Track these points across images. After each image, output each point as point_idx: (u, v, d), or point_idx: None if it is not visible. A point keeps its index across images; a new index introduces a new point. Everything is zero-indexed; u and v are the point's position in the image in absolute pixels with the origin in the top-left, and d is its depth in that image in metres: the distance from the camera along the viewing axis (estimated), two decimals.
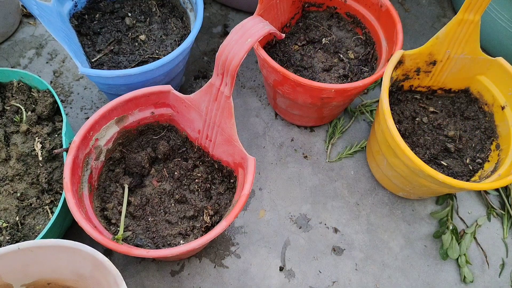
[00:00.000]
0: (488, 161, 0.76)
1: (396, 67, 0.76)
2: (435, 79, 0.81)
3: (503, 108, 0.76)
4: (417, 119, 0.82)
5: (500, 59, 0.75)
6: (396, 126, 0.79)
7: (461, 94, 0.84)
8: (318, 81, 0.83)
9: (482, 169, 0.76)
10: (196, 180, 0.75)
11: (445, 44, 0.75)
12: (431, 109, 0.83)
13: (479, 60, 0.77)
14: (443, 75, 0.80)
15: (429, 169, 0.64)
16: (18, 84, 0.78)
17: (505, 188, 0.86)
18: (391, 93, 0.82)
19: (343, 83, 0.83)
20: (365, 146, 0.91)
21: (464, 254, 0.78)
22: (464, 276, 0.77)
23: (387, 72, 0.72)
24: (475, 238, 0.82)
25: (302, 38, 0.90)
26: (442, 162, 0.77)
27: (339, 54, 0.88)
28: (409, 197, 0.84)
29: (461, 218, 0.84)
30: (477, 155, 0.78)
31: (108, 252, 0.77)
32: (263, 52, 0.75)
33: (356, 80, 0.83)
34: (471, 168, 0.77)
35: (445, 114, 0.84)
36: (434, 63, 0.78)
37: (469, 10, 0.70)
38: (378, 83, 1.00)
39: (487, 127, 0.80)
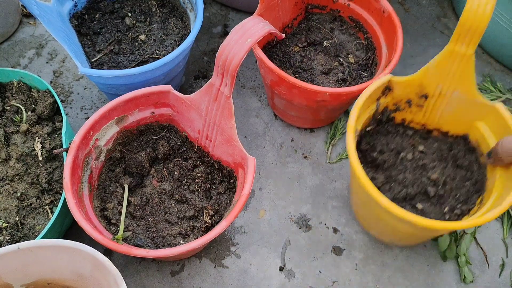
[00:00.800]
0: (469, 215, 0.68)
1: (385, 94, 0.72)
2: (429, 117, 0.76)
3: None
4: (401, 153, 0.76)
5: (499, 105, 0.66)
6: (376, 156, 0.75)
7: (460, 140, 0.76)
8: (316, 84, 0.83)
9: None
10: (196, 180, 0.75)
11: (436, 77, 0.69)
12: (421, 148, 0.77)
13: (476, 102, 0.69)
14: (437, 113, 0.74)
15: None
16: (18, 84, 0.78)
17: None
18: (380, 123, 0.77)
19: (341, 87, 0.83)
20: None
21: (464, 254, 0.78)
22: (464, 276, 0.77)
23: (364, 93, 0.67)
24: (475, 238, 0.82)
25: (303, 39, 0.90)
26: (417, 204, 0.71)
27: (339, 58, 0.88)
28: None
29: None
30: (459, 206, 0.70)
31: (108, 252, 0.77)
32: (260, 52, 0.75)
33: (354, 85, 0.82)
34: (447, 218, 0.69)
35: (436, 157, 0.76)
36: (425, 96, 0.73)
37: (460, 41, 0.64)
38: None
39: (478, 180, 0.72)
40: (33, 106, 0.77)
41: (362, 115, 0.71)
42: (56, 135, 0.76)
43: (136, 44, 0.88)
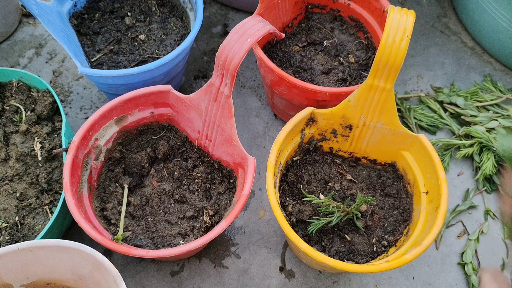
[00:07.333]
0: (396, 246, 0.67)
1: (309, 125, 0.72)
2: (355, 146, 0.75)
3: (426, 193, 0.68)
4: (329, 184, 0.75)
5: (422, 137, 0.67)
6: (303, 187, 0.73)
7: (389, 168, 0.76)
8: (317, 84, 0.83)
9: (386, 253, 0.67)
10: (196, 180, 0.75)
11: (358, 109, 0.69)
12: (349, 177, 0.76)
13: (399, 133, 0.69)
14: (363, 143, 0.74)
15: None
16: (18, 83, 0.78)
17: None
18: (308, 152, 0.77)
19: (342, 87, 0.83)
20: None
21: (471, 262, 0.77)
22: (472, 285, 0.76)
23: (287, 127, 0.68)
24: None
25: (304, 39, 0.89)
26: (346, 235, 0.70)
27: (339, 58, 0.88)
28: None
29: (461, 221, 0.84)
30: (386, 236, 0.70)
31: (107, 252, 0.77)
32: (260, 51, 0.75)
33: (355, 85, 0.82)
34: (375, 249, 0.69)
35: (365, 185, 0.76)
36: (350, 127, 0.73)
37: (378, 76, 0.64)
38: None
39: (405, 209, 0.72)
40: (33, 106, 0.77)
41: (285, 148, 0.71)
42: (56, 135, 0.76)
43: (136, 43, 0.88)
